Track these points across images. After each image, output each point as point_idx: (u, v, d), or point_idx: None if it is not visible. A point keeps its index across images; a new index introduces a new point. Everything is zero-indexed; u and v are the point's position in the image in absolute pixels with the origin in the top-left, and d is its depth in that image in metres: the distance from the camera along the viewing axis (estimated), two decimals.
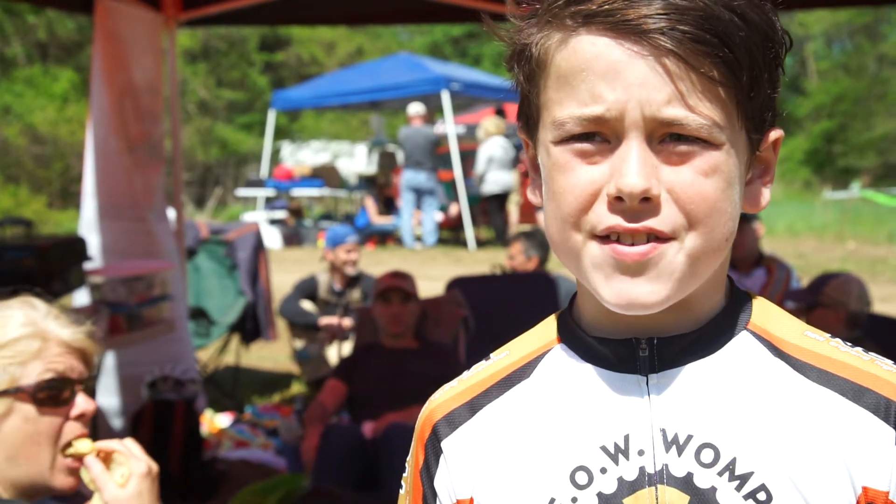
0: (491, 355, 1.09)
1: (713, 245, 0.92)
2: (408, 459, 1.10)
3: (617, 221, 0.89)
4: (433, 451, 1.05)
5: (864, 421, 0.93)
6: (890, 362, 0.97)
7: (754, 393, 0.95)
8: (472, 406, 1.04)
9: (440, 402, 1.07)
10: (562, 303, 5.67)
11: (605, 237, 0.91)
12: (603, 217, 0.90)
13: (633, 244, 0.90)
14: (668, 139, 0.89)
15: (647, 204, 0.89)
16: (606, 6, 0.88)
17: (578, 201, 0.91)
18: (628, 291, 0.91)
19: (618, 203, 0.89)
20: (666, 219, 0.89)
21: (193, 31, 19.18)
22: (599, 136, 0.90)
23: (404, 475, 1.10)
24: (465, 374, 1.09)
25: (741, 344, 0.97)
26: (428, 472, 1.05)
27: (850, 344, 0.99)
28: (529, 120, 0.98)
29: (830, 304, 4.08)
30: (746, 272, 5.00)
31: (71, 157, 18.80)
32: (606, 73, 0.88)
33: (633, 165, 0.88)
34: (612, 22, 0.87)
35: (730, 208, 0.92)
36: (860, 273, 4.90)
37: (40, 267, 4.11)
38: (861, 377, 0.94)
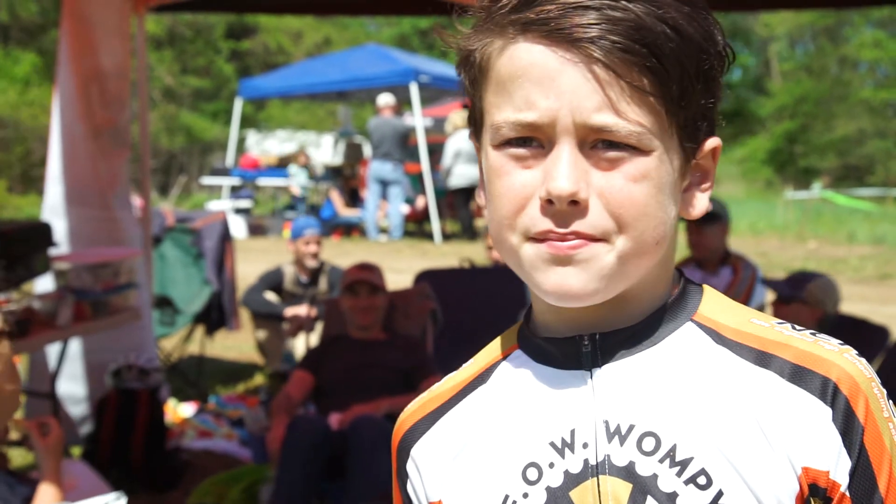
0: (462, 366, 1.13)
1: (643, 248, 0.95)
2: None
3: (549, 226, 0.93)
4: (404, 459, 1.10)
5: (802, 401, 0.94)
6: (836, 341, 0.98)
7: (694, 381, 0.97)
8: (437, 413, 1.09)
9: (409, 412, 1.12)
10: (528, 297, 5.70)
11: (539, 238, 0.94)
12: (536, 220, 0.93)
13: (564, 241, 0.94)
14: (599, 145, 0.92)
15: (575, 207, 0.92)
16: (543, 15, 0.91)
17: (513, 204, 0.94)
18: (562, 281, 0.94)
19: (549, 206, 0.92)
20: (594, 222, 0.92)
21: (159, 17, 18.94)
22: (535, 140, 0.93)
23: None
24: (436, 385, 1.14)
25: (684, 334, 1.00)
26: (401, 479, 1.10)
27: (798, 328, 1.00)
28: (475, 124, 1.02)
29: (812, 301, 4.12)
30: (713, 271, 5.05)
31: (32, 141, 18.50)
32: (541, 80, 0.91)
33: (562, 169, 0.91)
34: (547, 30, 0.91)
35: (660, 213, 0.95)
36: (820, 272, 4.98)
37: (3, 252, 4.05)
38: (802, 358, 0.96)
